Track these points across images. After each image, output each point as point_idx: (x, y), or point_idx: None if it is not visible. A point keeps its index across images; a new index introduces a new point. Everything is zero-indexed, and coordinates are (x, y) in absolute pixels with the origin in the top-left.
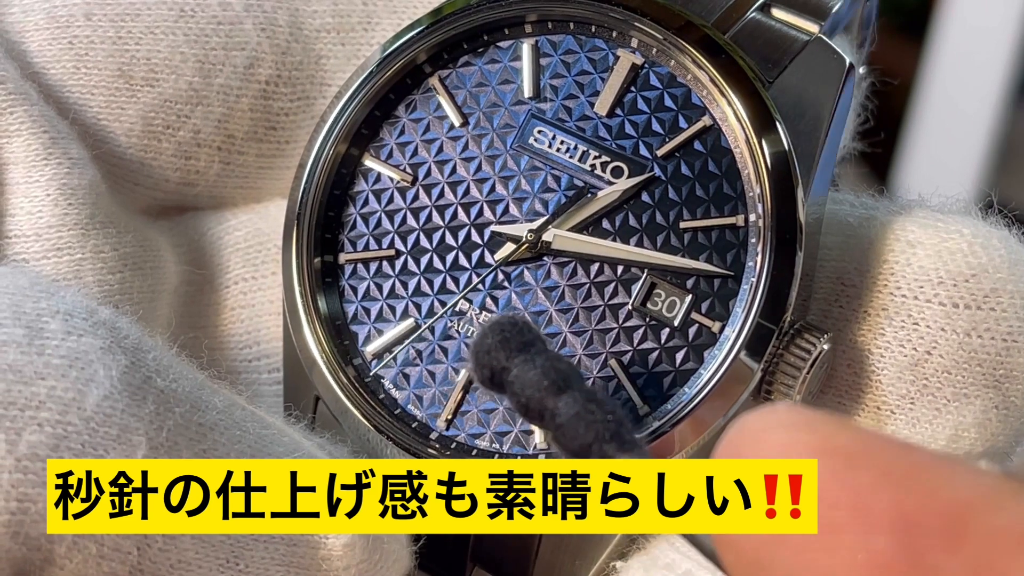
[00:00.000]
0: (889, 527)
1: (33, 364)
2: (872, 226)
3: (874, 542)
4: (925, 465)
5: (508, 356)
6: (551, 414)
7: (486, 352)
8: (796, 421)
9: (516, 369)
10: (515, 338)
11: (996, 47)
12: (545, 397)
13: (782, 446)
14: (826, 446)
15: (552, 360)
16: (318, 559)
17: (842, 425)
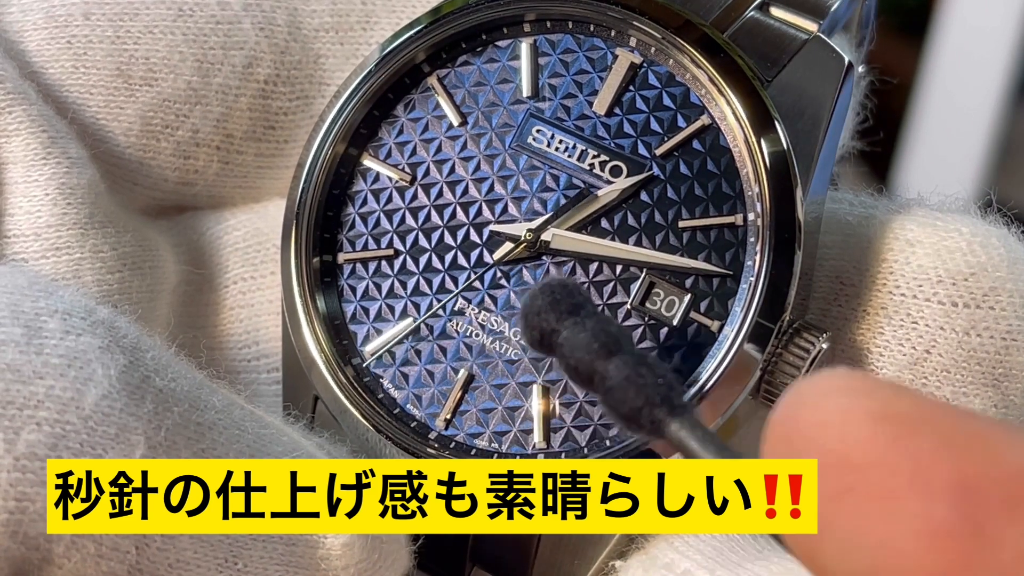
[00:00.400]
0: (949, 494)
1: (31, 363)
2: (871, 225)
3: (933, 509)
4: (986, 432)
5: (558, 318)
6: (601, 377)
7: (536, 313)
8: (855, 386)
9: (566, 331)
10: (565, 300)
11: (996, 47)
12: (595, 360)
13: (842, 411)
14: (887, 411)
15: (603, 323)
16: (317, 559)
17: (903, 391)
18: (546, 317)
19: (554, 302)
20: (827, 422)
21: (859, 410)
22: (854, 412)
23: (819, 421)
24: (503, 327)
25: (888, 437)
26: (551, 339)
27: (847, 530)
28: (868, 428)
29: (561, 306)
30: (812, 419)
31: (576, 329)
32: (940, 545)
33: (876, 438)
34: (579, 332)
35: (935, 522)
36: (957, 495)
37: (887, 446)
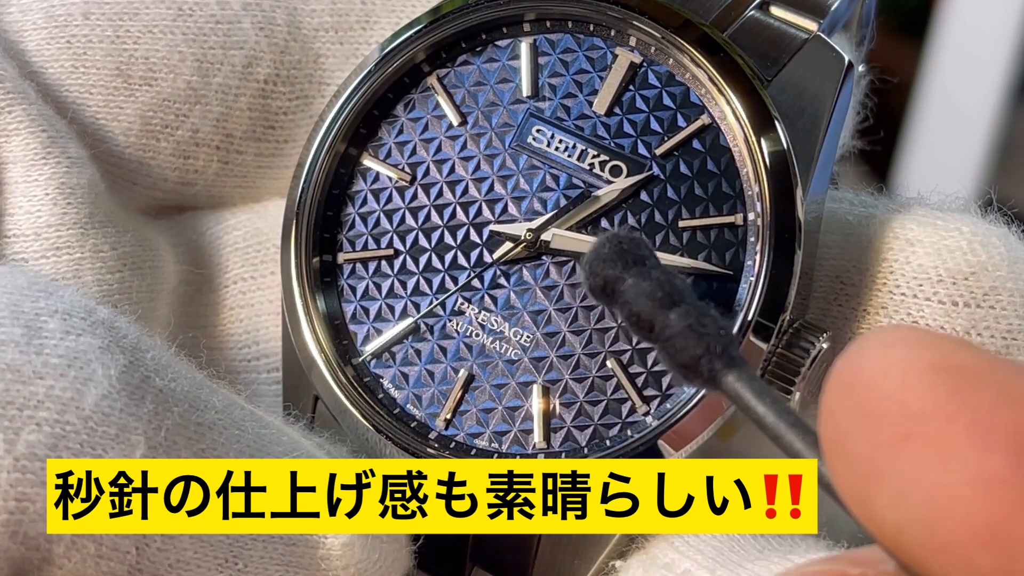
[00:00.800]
0: (1005, 446)
1: (31, 363)
2: (871, 224)
3: (989, 459)
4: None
5: (624, 267)
6: (662, 325)
7: (601, 261)
8: (919, 338)
9: (631, 279)
10: (631, 251)
11: (996, 47)
12: (657, 308)
13: (904, 362)
14: (948, 363)
15: (667, 274)
16: (317, 558)
17: (965, 344)
18: (611, 265)
19: (621, 251)
20: (889, 370)
21: (921, 360)
22: (916, 362)
23: (881, 369)
24: (503, 327)
25: (948, 387)
26: (614, 286)
27: (902, 477)
28: (929, 378)
29: (627, 256)
30: (874, 367)
31: (641, 278)
32: (994, 493)
33: (936, 388)
34: (643, 281)
35: (990, 471)
36: (1013, 446)
37: (946, 396)
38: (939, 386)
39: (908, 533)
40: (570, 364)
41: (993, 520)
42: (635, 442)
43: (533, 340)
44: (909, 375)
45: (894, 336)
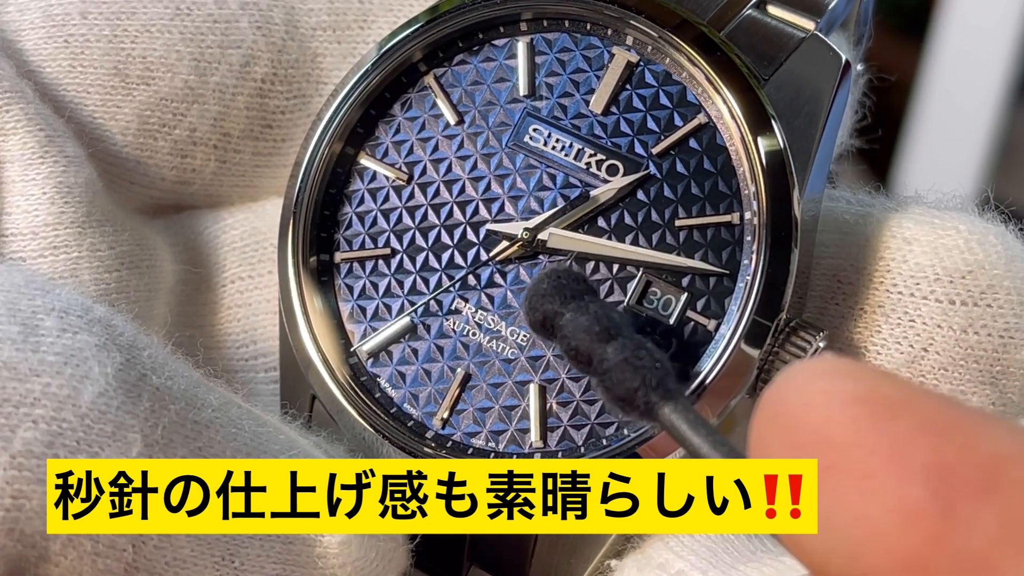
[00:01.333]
0: (924, 476)
1: (28, 361)
2: (868, 223)
3: (909, 490)
4: (965, 418)
5: (563, 302)
6: (600, 359)
7: (541, 296)
8: (841, 370)
9: (569, 314)
10: (570, 286)
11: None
12: (595, 342)
13: (827, 394)
14: (870, 395)
15: (605, 308)
16: (314, 556)
17: (886, 376)
18: (550, 300)
19: (559, 286)
20: (812, 403)
21: (843, 392)
22: (838, 394)
23: (805, 402)
24: (500, 326)
25: (868, 419)
26: (553, 321)
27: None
28: (851, 410)
29: (566, 291)
30: (798, 400)
31: (579, 312)
32: (914, 524)
33: (857, 419)
34: (581, 315)
35: (910, 502)
36: (932, 477)
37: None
38: (861, 418)
39: (834, 563)
40: (566, 364)
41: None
42: (632, 441)
43: (530, 339)
44: (832, 407)
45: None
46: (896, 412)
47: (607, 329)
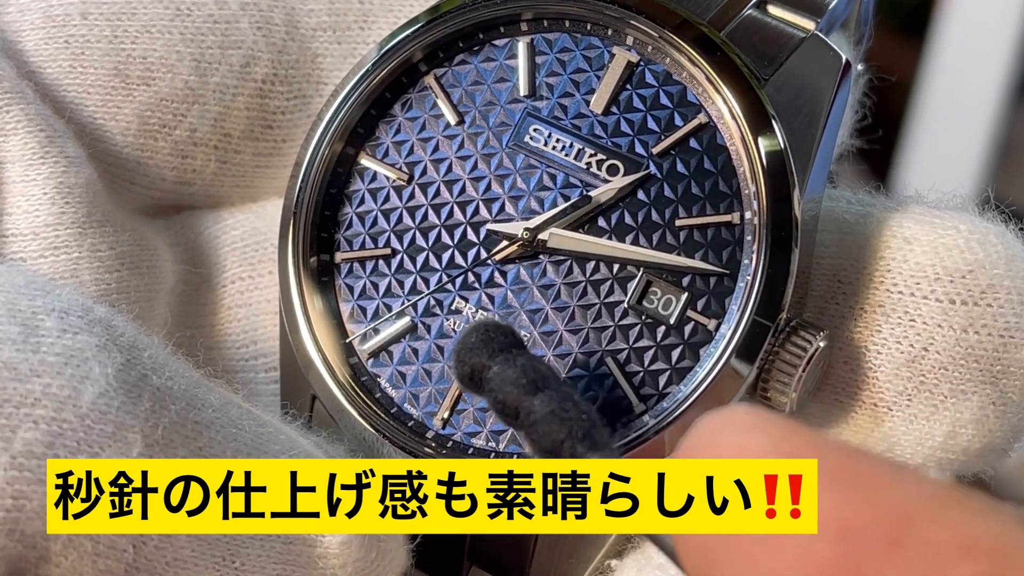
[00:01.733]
0: (831, 534)
1: (28, 362)
2: (868, 223)
3: (815, 548)
4: (871, 472)
5: (490, 355)
6: (527, 411)
7: (468, 350)
8: (751, 423)
9: (496, 367)
10: (497, 339)
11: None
12: (522, 395)
13: (733, 447)
14: (776, 449)
15: (531, 360)
16: (314, 557)
17: (793, 429)
18: (478, 353)
19: (487, 340)
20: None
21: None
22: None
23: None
24: None
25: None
26: (481, 374)
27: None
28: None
29: (493, 344)
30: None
31: (506, 365)
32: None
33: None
34: (508, 368)
35: (817, 559)
36: (838, 534)
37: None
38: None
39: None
40: (567, 363)
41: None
42: (632, 441)
43: (530, 339)
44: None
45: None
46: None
47: (534, 381)
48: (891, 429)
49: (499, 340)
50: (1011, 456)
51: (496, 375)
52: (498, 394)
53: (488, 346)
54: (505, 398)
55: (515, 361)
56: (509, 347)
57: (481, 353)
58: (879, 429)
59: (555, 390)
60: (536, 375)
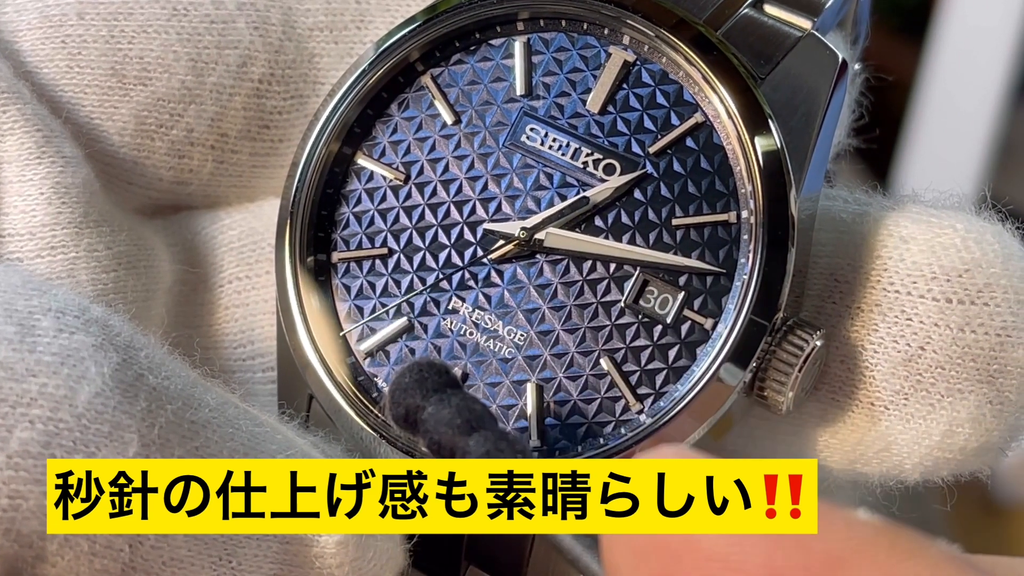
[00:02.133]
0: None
1: (24, 361)
2: (865, 222)
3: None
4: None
5: (424, 395)
6: (462, 452)
7: (403, 391)
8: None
9: (431, 407)
10: (432, 379)
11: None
12: (457, 435)
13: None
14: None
15: (466, 400)
16: (311, 556)
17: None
18: (412, 394)
19: (421, 380)
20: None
21: None
22: None
23: None
24: (497, 325)
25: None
26: (416, 415)
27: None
28: None
29: (428, 384)
30: None
31: (441, 405)
32: None
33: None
34: (443, 408)
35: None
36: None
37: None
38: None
39: None
40: (564, 362)
41: None
42: (629, 440)
43: (527, 339)
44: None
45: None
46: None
47: (468, 422)
48: (888, 428)
49: (433, 380)
50: (1008, 455)
51: (430, 416)
52: (433, 435)
53: (422, 386)
54: (440, 439)
55: (449, 401)
56: (444, 387)
57: (415, 393)
58: (876, 428)
59: (490, 430)
60: (471, 415)
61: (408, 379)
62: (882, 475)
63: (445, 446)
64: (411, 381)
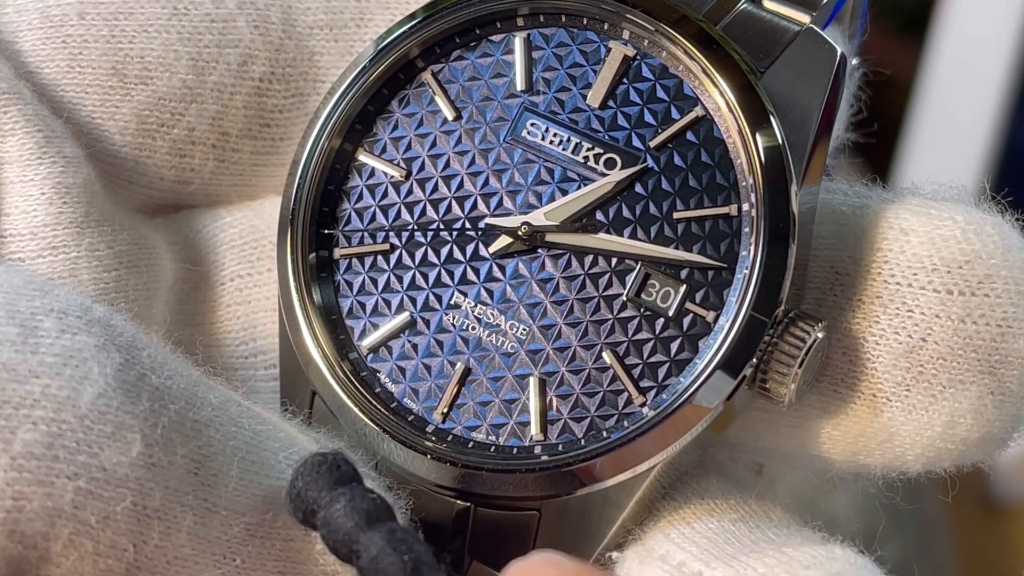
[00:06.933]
0: None
1: (27, 362)
2: (865, 214)
3: None
4: None
5: (318, 495)
6: (357, 553)
7: (297, 495)
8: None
9: (324, 509)
10: (326, 476)
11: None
12: (351, 534)
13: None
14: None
15: (359, 496)
16: (314, 554)
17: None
18: (306, 496)
19: (315, 478)
20: None
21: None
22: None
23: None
24: (499, 320)
25: None
26: (314, 518)
27: None
28: None
29: (322, 481)
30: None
31: (335, 504)
32: None
33: None
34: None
35: None
36: None
37: None
38: None
39: None
40: (566, 356)
41: None
42: (632, 433)
43: (529, 333)
44: None
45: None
46: None
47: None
48: (890, 419)
49: (327, 476)
50: (1010, 446)
51: (324, 519)
52: (328, 539)
53: (316, 485)
54: (335, 542)
55: (342, 499)
56: (338, 483)
57: (309, 495)
58: (878, 420)
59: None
60: (366, 511)
61: (301, 482)
62: (884, 466)
63: (342, 547)
64: (304, 483)
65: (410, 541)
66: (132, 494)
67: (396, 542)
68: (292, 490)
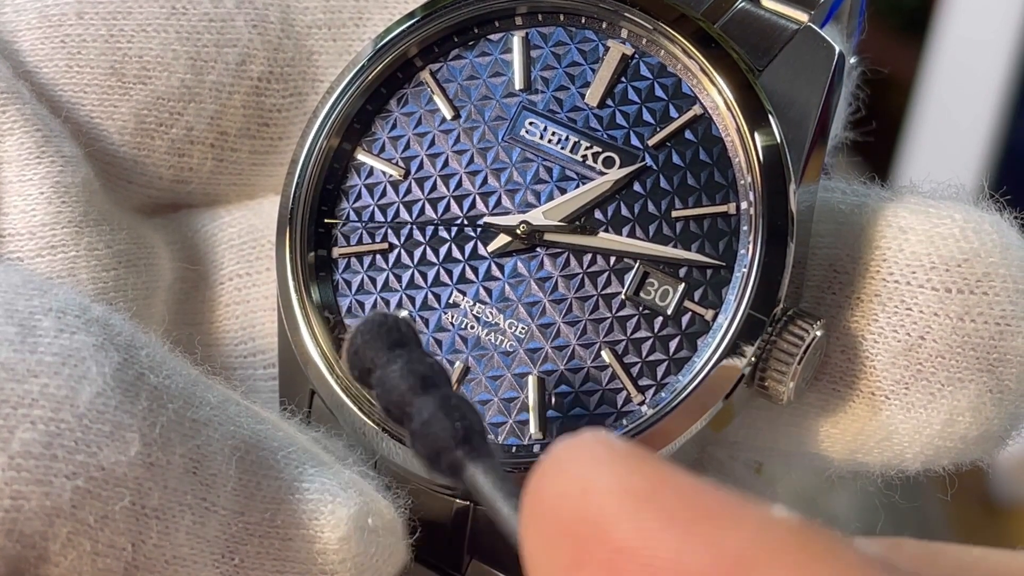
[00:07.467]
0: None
1: (25, 362)
2: (863, 213)
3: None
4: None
5: (376, 355)
6: (409, 416)
7: (355, 352)
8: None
9: (380, 369)
10: (385, 336)
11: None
12: (406, 396)
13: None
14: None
15: (416, 360)
16: (314, 553)
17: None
18: (363, 355)
19: (373, 338)
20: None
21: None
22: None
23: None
24: (498, 319)
25: (622, 513)
26: (369, 377)
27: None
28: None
29: (380, 342)
30: (554, 490)
31: (391, 366)
32: None
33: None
34: (393, 369)
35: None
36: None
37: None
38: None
39: None
40: (565, 355)
41: None
42: (631, 431)
43: (528, 332)
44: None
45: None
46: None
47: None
48: (889, 417)
49: (386, 338)
50: (1009, 444)
51: (380, 378)
52: (382, 398)
53: (374, 345)
54: (389, 402)
55: (399, 361)
56: (395, 345)
57: (367, 354)
58: (877, 418)
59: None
60: (421, 375)
61: (359, 340)
62: (883, 464)
63: (395, 409)
64: (362, 341)
65: (464, 408)
66: (130, 493)
67: (449, 408)
68: (351, 347)
